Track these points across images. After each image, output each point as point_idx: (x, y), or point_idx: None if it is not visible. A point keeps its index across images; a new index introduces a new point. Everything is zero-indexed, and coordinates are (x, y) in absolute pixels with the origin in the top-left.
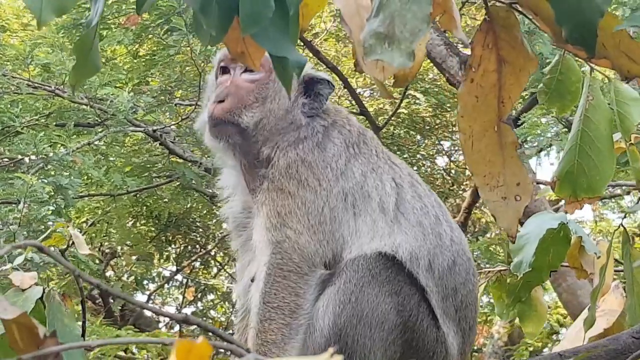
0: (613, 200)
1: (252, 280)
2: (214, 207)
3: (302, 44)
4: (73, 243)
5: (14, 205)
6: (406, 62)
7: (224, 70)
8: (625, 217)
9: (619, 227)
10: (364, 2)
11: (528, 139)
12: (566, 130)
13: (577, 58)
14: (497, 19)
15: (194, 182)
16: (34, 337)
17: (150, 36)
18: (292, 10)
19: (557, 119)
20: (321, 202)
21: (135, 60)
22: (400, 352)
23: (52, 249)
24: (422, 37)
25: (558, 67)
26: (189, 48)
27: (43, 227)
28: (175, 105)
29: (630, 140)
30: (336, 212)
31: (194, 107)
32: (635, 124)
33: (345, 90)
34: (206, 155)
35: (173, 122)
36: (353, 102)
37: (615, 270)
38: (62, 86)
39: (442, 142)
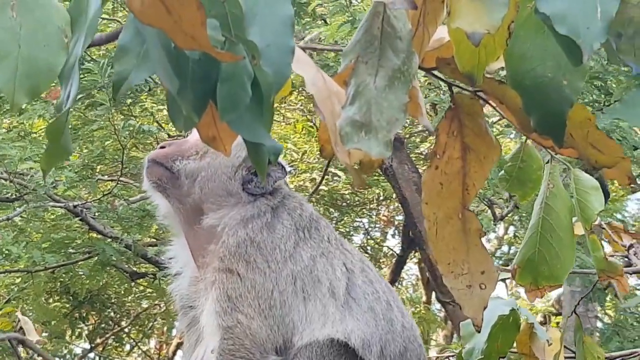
0: None
1: None
2: (134, 283)
3: None
4: (21, 328)
5: None
6: (384, 151)
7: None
8: (578, 303)
9: (571, 314)
10: (335, 87)
11: None
12: (486, 210)
13: (539, 146)
14: (462, 106)
15: (114, 258)
16: None
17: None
18: (266, 98)
19: (479, 199)
20: (270, 284)
21: None
22: None
23: None
24: (399, 126)
25: (520, 154)
26: (109, 123)
27: None
28: (97, 180)
29: (591, 229)
30: (286, 295)
31: (115, 182)
32: (596, 213)
33: None
34: (127, 232)
35: (94, 198)
36: None
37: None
38: None
39: (360, 219)
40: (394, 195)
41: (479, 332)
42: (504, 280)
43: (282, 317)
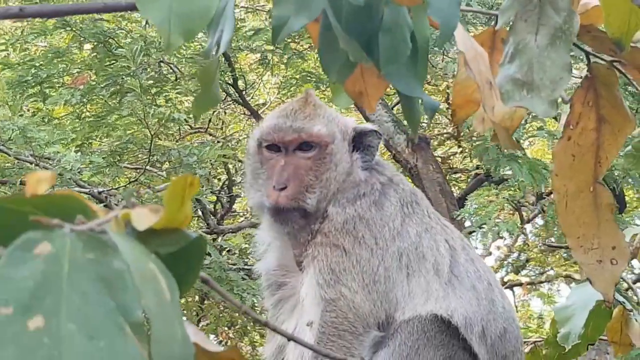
0: None
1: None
2: None
3: (249, 112)
4: None
5: None
6: (549, 110)
7: (271, 148)
8: None
9: None
10: (479, 48)
11: (473, 219)
12: (514, 213)
13: None
14: (599, 76)
15: None
16: None
17: (95, 97)
18: (422, 52)
19: (507, 199)
20: (376, 261)
21: (79, 121)
22: None
23: None
24: (564, 85)
25: None
26: (139, 110)
27: None
28: (122, 167)
29: None
30: (390, 272)
31: (142, 170)
32: None
33: None
34: None
35: (119, 185)
36: None
37: None
38: (7, 142)
39: None
40: None
41: (610, 308)
42: (511, 288)
43: (385, 292)
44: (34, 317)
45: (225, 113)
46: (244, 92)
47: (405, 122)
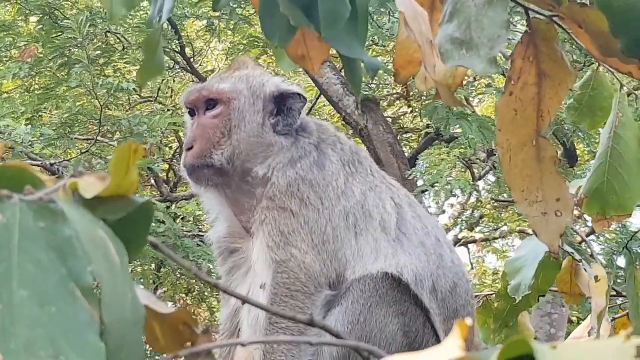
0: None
1: (243, 303)
2: None
3: (198, 80)
4: None
5: None
6: (488, 68)
7: (191, 112)
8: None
9: (623, 249)
10: (419, 8)
11: (425, 179)
12: (465, 170)
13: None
14: (538, 31)
15: None
16: (181, 334)
17: (43, 70)
18: (362, 14)
19: (458, 157)
20: (324, 221)
21: (28, 94)
22: None
23: None
24: (502, 43)
25: (590, 83)
26: (87, 81)
27: None
28: (74, 139)
29: None
30: (339, 231)
31: (93, 141)
32: None
33: None
34: None
35: (71, 157)
36: None
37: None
38: None
39: None
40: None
41: (557, 259)
42: (466, 245)
43: (335, 252)
44: None
45: (174, 81)
46: (192, 60)
47: None
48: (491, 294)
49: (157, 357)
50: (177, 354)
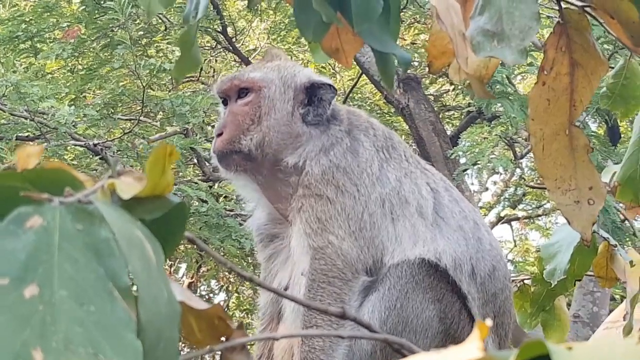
0: None
1: (285, 289)
2: None
3: (240, 59)
4: None
5: None
6: (519, 59)
7: (224, 101)
8: None
9: None
10: (451, 1)
11: (467, 157)
12: (507, 149)
13: None
14: (570, 22)
15: None
16: (216, 328)
17: (86, 50)
18: (394, 8)
19: (499, 136)
20: (360, 207)
21: (72, 75)
22: None
23: None
24: (533, 34)
25: (623, 71)
26: (131, 61)
27: None
28: (117, 119)
29: None
30: (375, 217)
31: (136, 121)
32: None
33: None
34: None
35: (114, 137)
36: None
37: None
38: (1, 99)
39: None
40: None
41: (589, 247)
42: (509, 222)
43: (371, 238)
44: (29, 286)
45: (215, 61)
46: (233, 39)
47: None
48: (527, 278)
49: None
50: (212, 348)
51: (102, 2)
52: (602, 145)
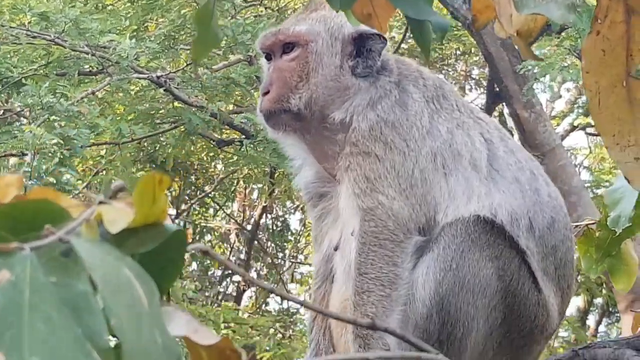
0: None
1: (336, 249)
2: (220, 151)
3: None
4: None
5: (19, 157)
6: (566, 15)
7: (267, 56)
8: None
9: None
10: None
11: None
12: (578, 60)
13: None
14: None
15: (200, 127)
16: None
17: None
18: None
19: (569, 50)
20: (410, 164)
21: (132, 5)
22: (502, 318)
23: None
24: None
25: None
26: None
27: (54, 179)
28: (179, 50)
29: None
30: (427, 173)
31: None
32: None
33: None
34: (211, 101)
35: (177, 68)
36: None
37: None
38: (61, 34)
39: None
40: (473, 50)
41: None
42: (584, 129)
43: (423, 195)
44: None
45: None
46: None
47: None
48: (592, 223)
49: None
50: None
51: None
52: None
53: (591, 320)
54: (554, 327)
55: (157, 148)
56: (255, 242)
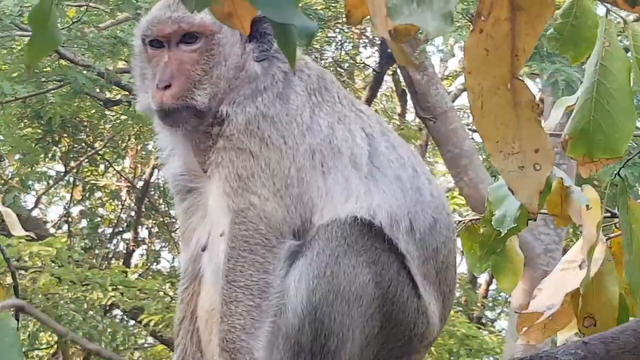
0: None
1: (204, 250)
2: (107, 110)
3: None
4: (3, 221)
5: None
6: (442, 26)
7: (154, 44)
8: (623, 166)
9: (615, 175)
10: None
11: None
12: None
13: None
14: None
15: (86, 86)
16: None
17: None
18: None
19: (461, 13)
20: (287, 162)
21: None
22: (379, 327)
23: None
24: None
25: (572, 10)
26: None
27: None
28: (65, 7)
29: None
30: (304, 172)
31: (85, 8)
32: None
33: None
34: (98, 59)
35: (63, 26)
36: None
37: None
38: None
39: (334, 34)
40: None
41: (534, 220)
42: None
43: (299, 195)
44: None
45: None
46: None
47: None
48: (476, 218)
49: None
50: None
51: None
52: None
53: (481, 279)
54: (435, 335)
55: (43, 106)
56: (147, 200)
